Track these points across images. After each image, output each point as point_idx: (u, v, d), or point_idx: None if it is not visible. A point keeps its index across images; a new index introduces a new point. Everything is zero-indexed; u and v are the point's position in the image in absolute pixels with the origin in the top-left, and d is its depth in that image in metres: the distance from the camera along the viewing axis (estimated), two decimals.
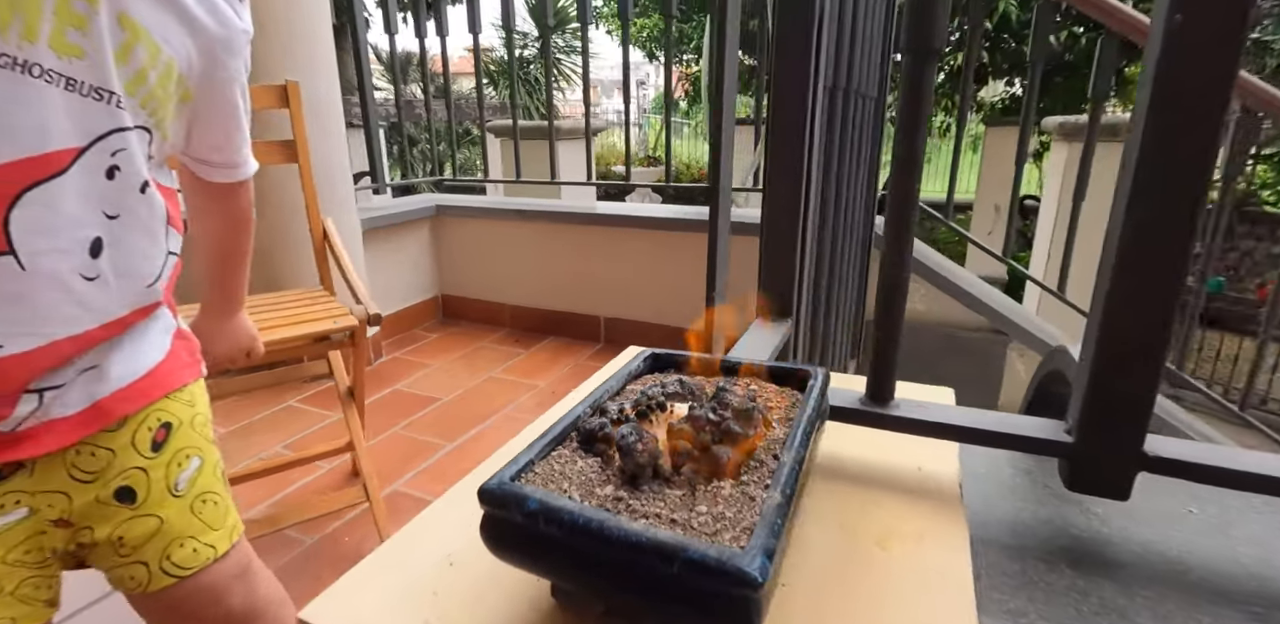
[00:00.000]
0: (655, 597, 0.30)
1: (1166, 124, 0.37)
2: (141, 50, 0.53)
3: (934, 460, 0.52)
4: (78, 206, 0.51)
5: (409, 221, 2.49)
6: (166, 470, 0.60)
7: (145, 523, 0.59)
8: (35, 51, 0.47)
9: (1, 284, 0.48)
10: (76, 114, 0.50)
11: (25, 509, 0.54)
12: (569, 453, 0.38)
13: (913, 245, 0.46)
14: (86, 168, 0.51)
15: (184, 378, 0.64)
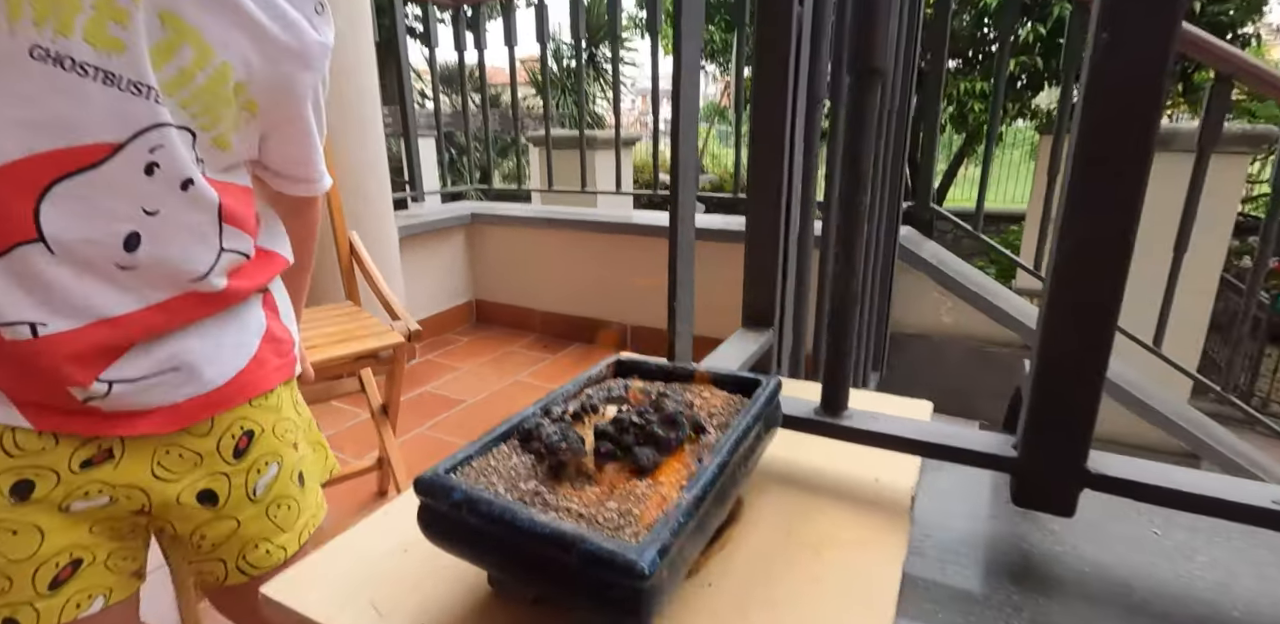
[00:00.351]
0: (559, 585, 0.33)
1: (1098, 146, 0.37)
2: (188, 50, 0.52)
3: (893, 473, 0.53)
4: (113, 200, 0.52)
5: (445, 229, 2.58)
6: (246, 476, 0.63)
7: (225, 525, 0.62)
8: (69, 44, 0.47)
9: (35, 268, 0.50)
10: (115, 108, 0.50)
11: (107, 498, 0.57)
12: (508, 450, 0.40)
13: (861, 257, 0.47)
14: (125, 162, 0.51)
15: (270, 382, 0.65)
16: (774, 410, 0.49)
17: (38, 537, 0.55)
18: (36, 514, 0.55)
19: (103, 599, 0.58)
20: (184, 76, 0.53)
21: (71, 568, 0.57)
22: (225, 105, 0.56)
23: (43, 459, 0.54)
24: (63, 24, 0.47)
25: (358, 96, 1.89)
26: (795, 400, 0.54)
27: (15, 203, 0.48)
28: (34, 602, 0.55)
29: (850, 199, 0.45)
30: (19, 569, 0.54)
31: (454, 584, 0.41)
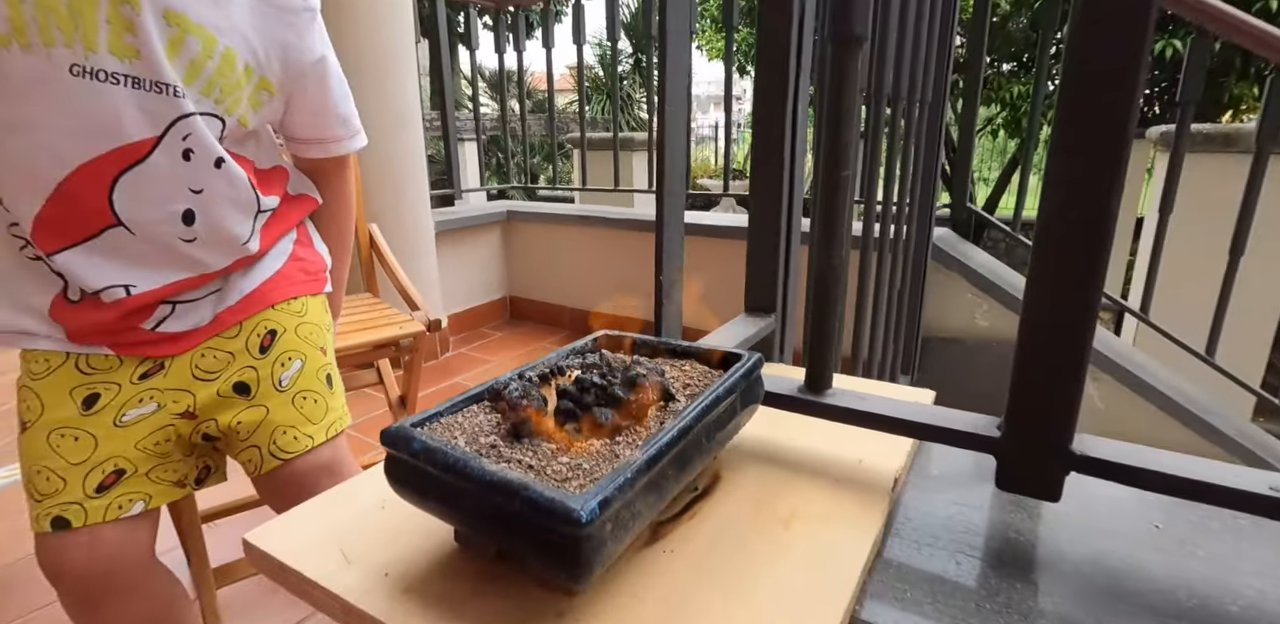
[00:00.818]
0: (505, 533, 0.33)
1: (1076, 137, 0.36)
2: (194, 41, 0.60)
3: (880, 455, 0.51)
4: (165, 185, 0.62)
5: (481, 225, 2.63)
6: (272, 369, 0.72)
7: (257, 412, 0.71)
8: (99, 59, 0.56)
9: (122, 246, 0.63)
10: (146, 107, 0.59)
11: (155, 404, 0.68)
12: (478, 409, 0.41)
13: (843, 235, 0.46)
14: (166, 152, 0.61)
15: (294, 292, 0.76)
16: (754, 386, 0.48)
17: (92, 443, 0.65)
18: (95, 424, 0.66)
19: (143, 503, 0.67)
20: (195, 66, 0.61)
21: (115, 476, 0.66)
22: (238, 87, 0.64)
23: (110, 376, 0.67)
24: (89, 42, 0.55)
25: (397, 93, 1.95)
26: (781, 379, 0.54)
27: (92, 197, 0.60)
28: (82, 502, 0.64)
29: (831, 173, 0.44)
30: (74, 472, 0.64)
31: (423, 539, 0.42)
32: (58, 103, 0.56)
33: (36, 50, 0.54)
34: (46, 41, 0.54)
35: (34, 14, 0.53)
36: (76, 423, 0.65)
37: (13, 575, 1.20)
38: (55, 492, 0.64)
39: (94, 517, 0.65)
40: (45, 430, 0.65)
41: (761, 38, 0.59)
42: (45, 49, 0.54)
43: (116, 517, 0.66)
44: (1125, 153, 0.36)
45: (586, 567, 0.31)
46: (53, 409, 0.65)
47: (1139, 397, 1.64)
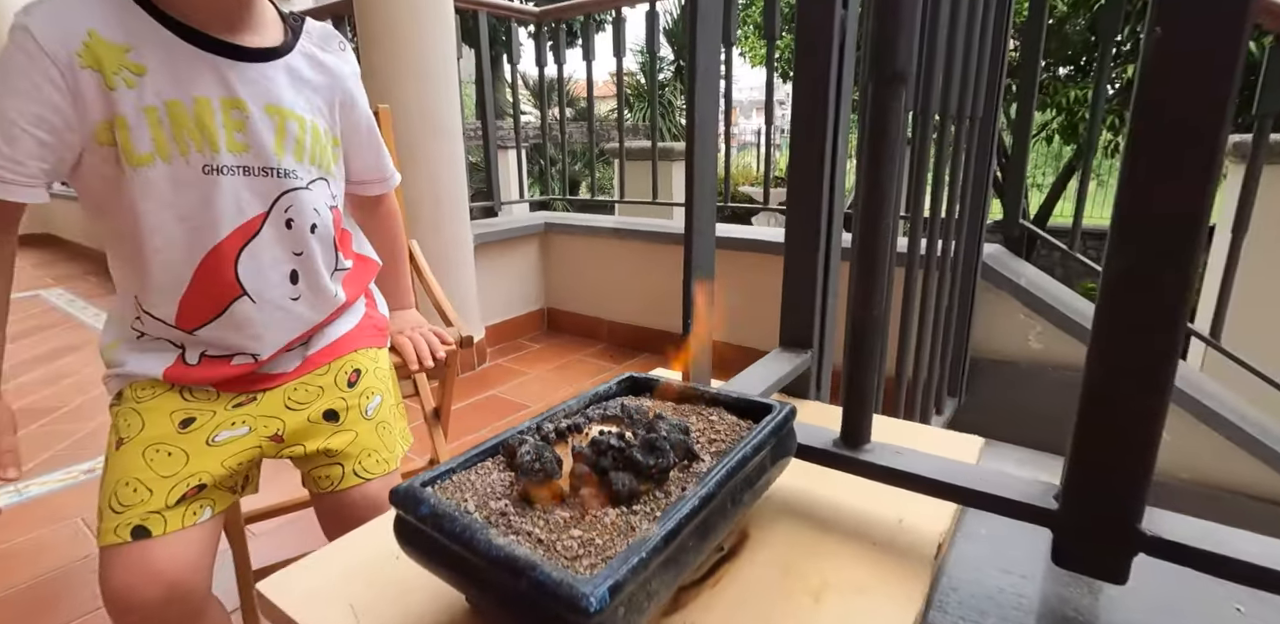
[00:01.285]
0: (512, 611, 0.31)
1: (1149, 164, 0.32)
2: (292, 124, 0.73)
3: (921, 515, 0.48)
4: (274, 252, 0.74)
5: (520, 237, 2.65)
6: (359, 400, 0.81)
7: (346, 436, 0.78)
8: (218, 157, 0.68)
9: (248, 315, 0.73)
10: (256, 190, 0.71)
11: (246, 427, 0.75)
12: (492, 465, 0.40)
13: (886, 280, 0.43)
14: (272, 224, 0.73)
15: (370, 343, 0.88)
16: (786, 439, 0.46)
17: (183, 460, 0.71)
18: (189, 442, 0.72)
19: (209, 510, 0.72)
20: (298, 145, 0.74)
21: (196, 490, 0.70)
22: (327, 150, 0.78)
23: (208, 404, 0.75)
24: (213, 146, 0.67)
25: (438, 105, 1.98)
26: (816, 429, 0.51)
27: (224, 272, 0.71)
28: (162, 512, 0.68)
29: (870, 220, 0.41)
30: (161, 484, 0.69)
31: (434, 599, 0.40)
32: (194, 198, 0.68)
33: (175, 160, 0.66)
34: (183, 151, 0.66)
35: (172, 133, 0.65)
36: (172, 440, 0.71)
37: (67, 577, 1.25)
38: (139, 502, 0.68)
39: (172, 525, 0.68)
40: (142, 446, 0.70)
41: (799, 52, 0.56)
42: (182, 158, 0.66)
43: (192, 523, 0.69)
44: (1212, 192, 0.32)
45: None
46: (152, 427, 0.72)
47: (1208, 428, 1.53)
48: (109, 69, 0.62)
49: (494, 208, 2.69)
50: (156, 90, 0.64)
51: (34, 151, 0.62)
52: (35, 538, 1.38)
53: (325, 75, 0.77)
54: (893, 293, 0.99)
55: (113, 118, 0.64)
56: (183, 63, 0.66)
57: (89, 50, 0.62)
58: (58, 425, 1.93)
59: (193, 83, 0.66)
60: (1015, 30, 1.51)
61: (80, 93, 0.62)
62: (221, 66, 0.67)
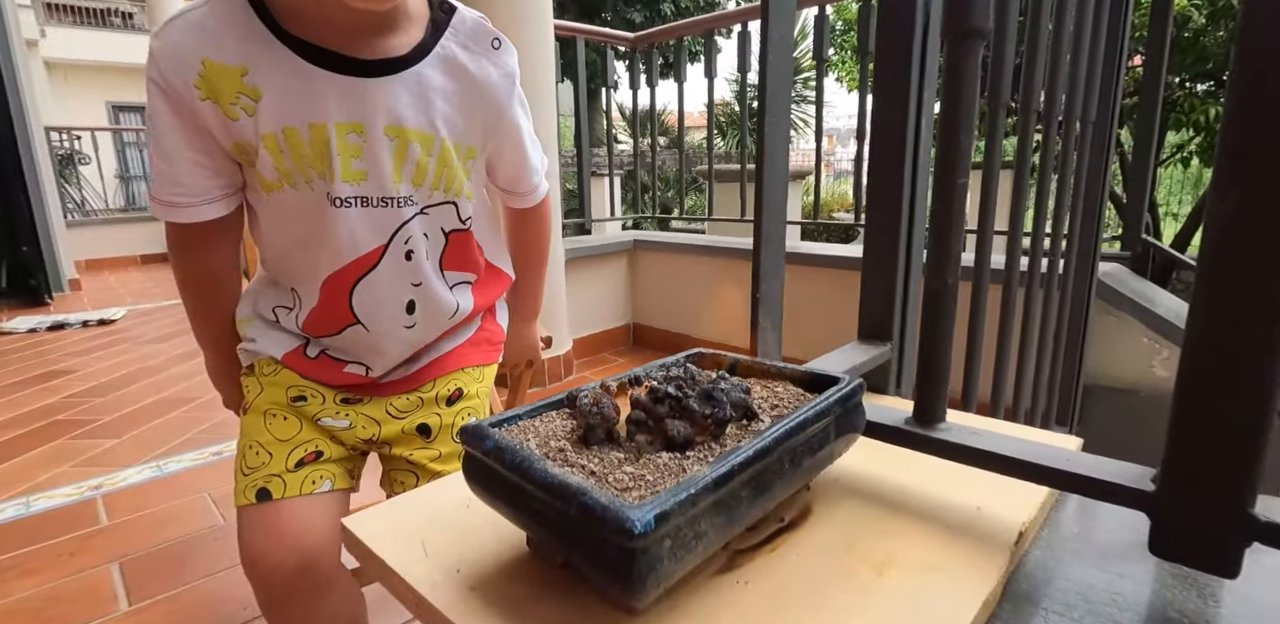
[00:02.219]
0: (561, 537, 0.32)
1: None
2: (414, 147, 0.66)
3: (1003, 504, 0.45)
4: (392, 285, 0.71)
5: (609, 253, 2.72)
6: (454, 419, 0.81)
7: (430, 452, 0.79)
8: (334, 187, 0.64)
9: (360, 340, 0.74)
10: (375, 222, 0.67)
11: (348, 421, 0.76)
12: (556, 415, 0.41)
13: (957, 250, 0.42)
14: (392, 257, 0.70)
15: (479, 360, 0.85)
16: (852, 413, 0.44)
17: (298, 425, 0.74)
18: (298, 414, 0.75)
19: (330, 483, 0.73)
20: (420, 168, 0.68)
21: (315, 455, 0.73)
22: (456, 168, 0.71)
23: (319, 389, 0.76)
24: (329, 175, 0.64)
25: (538, 131, 2.10)
26: (889, 409, 0.49)
27: (338, 300, 0.71)
28: (283, 475, 0.71)
29: (945, 182, 0.40)
30: (279, 448, 0.72)
31: (497, 541, 0.42)
32: (314, 227, 0.67)
33: (301, 187, 0.65)
34: (306, 179, 0.64)
35: (292, 162, 0.63)
36: (285, 408, 0.75)
37: (191, 544, 1.38)
38: (262, 465, 0.71)
39: (291, 489, 0.70)
40: (262, 409, 0.74)
41: (881, 38, 0.56)
42: (307, 185, 0.64)
43: (311, 491, 0.71)
44: None
45: (640, 582, 0.29)
46: (269, 394, 0.75)
47: None
48: (226, 99, 0.60)
49: (585, 225, 2.79)
50: (273, 116, 0.61)
51: (193, 171, 0.64)
52: (169, 507, 1.54)
53: (466, 81, 0.68)
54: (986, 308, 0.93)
55: (239, 142, 0.63)
56: (301, 85, 0.61)
57: (204, 81, 0.59)
58: (194, 413, 2.15)
59: (310, 107, 0.61)
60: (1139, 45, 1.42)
61: (207, 123, 0.62)
62: (342, 86, 0.62)
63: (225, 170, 0.67)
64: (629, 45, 2.61)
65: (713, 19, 2.35)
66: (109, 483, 1.67)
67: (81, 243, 5.55)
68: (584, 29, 2.45)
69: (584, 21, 2.49)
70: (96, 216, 6.56)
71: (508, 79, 0.72)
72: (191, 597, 1.21)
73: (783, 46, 0.47)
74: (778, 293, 0.53)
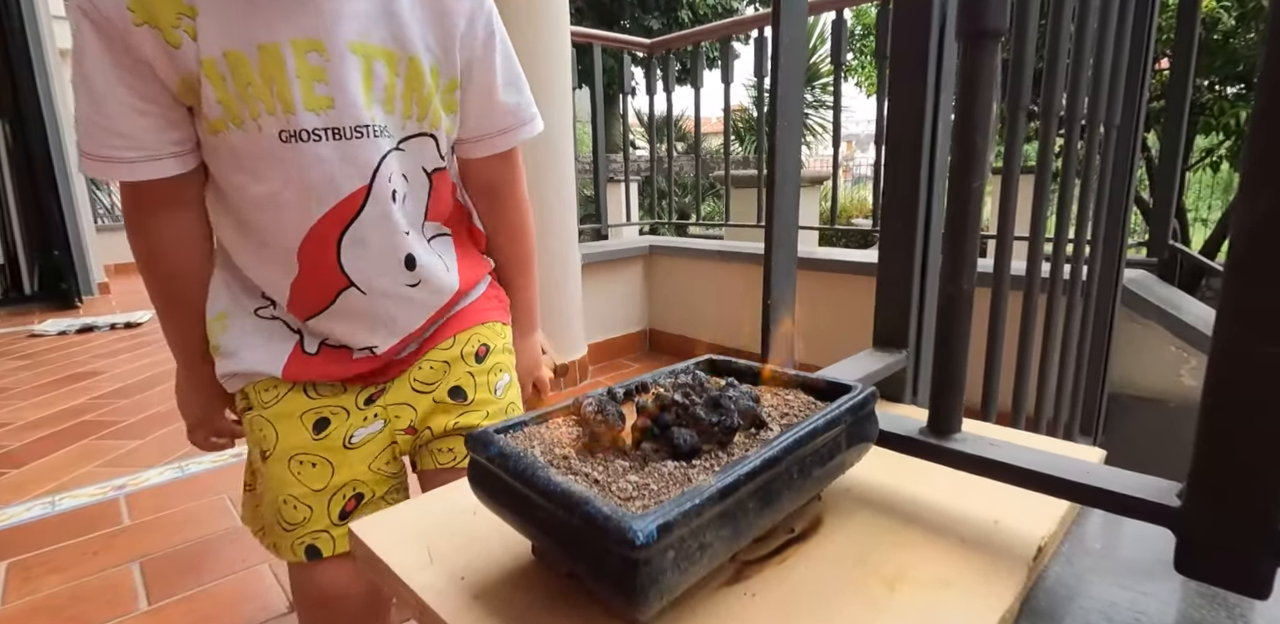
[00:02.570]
0: (563, 546, 0.32)
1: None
2: (380, 65, 0.57)
3: (1021, 517, 0.44)
4: (384, 234, 0.61)
5: (625, 259, 2.72)
6: (488, 377, 0.73)
7: (475, 415, 0.71)
8: (295, 119, 0.55)
9: (357, 307, 0.63)
10: (350, 157, 0.57)
11: (381, 422, 0.69)
12: (562, 421, 0.41)
13: (973, 254, 0.41)
14: (377, 198, 0.60)
15: (494, 316, 0.77)
16: (864, 422, 0.43)
17: (329, 470, 0.65)
18: (328, 449, 0.66)
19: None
20: (388, 91, 0.59)
21: (355, 501, 0.66)
22: (432, 95, 0.61)
23: (337, 400, 0.68)
24: (286, 104, 0.54)
25: (552, 132, 2.10)
26: (903, 419, 0.48)
27: (323, 258, 0.60)
28: (330, 530, 0.64)
29: (961, 184, 0.39)
30: (318, 499, 0.65)
31: (503, 549, 0.42)
32: (279, 172, 0.57)
33: (248, 125, 0.55)
34: (253, 113, 0.54)
35: (236, 90, 0.53)
36: (312, 449, 0.65)
37: (210, 545, 1.40)
38: (304, 520, 0.64)
39: (341, 546, 0.64)
40: (285, 459, 0.65)
41: (896, 40, 0.55)
42: (254, 121, 0.54)
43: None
44: None
45: (642, 594, 0.29)
46: (287, 437, 0.65)
47: None
48: (165, 22, 0.51)
49: (601, 230, 2.79)
50: (215, 38, 0.52)
51: (136, 122, 0.55)
52: (189, 508, 1.57)
53: (436, 3, 0.61)
54: (1006, 314, 0.92)
55: (184, 76, 0.53)
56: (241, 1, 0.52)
57: (138, 1, 0.51)
58: None
59: (258, 24, 0.53)
60: (1166, 47, 1.39)
61: (145, 55, 0.52)
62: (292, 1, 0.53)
63: (177, 121, 0.57)
64: (646, 51, 2.62)
65: (730, 25, 2.35)
66: (132, 483, 1.70)
67: (111, 247, 5.68)
68: (601, 35, 2.47)
69: (602, 29, 2.50)
70: None
71: (480, 3, 0.64)
72: (210, 597, 1.22)
73: (794, 49, 0.46)
74: (790, 298, 0.53)
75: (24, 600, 1.22)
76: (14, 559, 1.36)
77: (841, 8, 1.99)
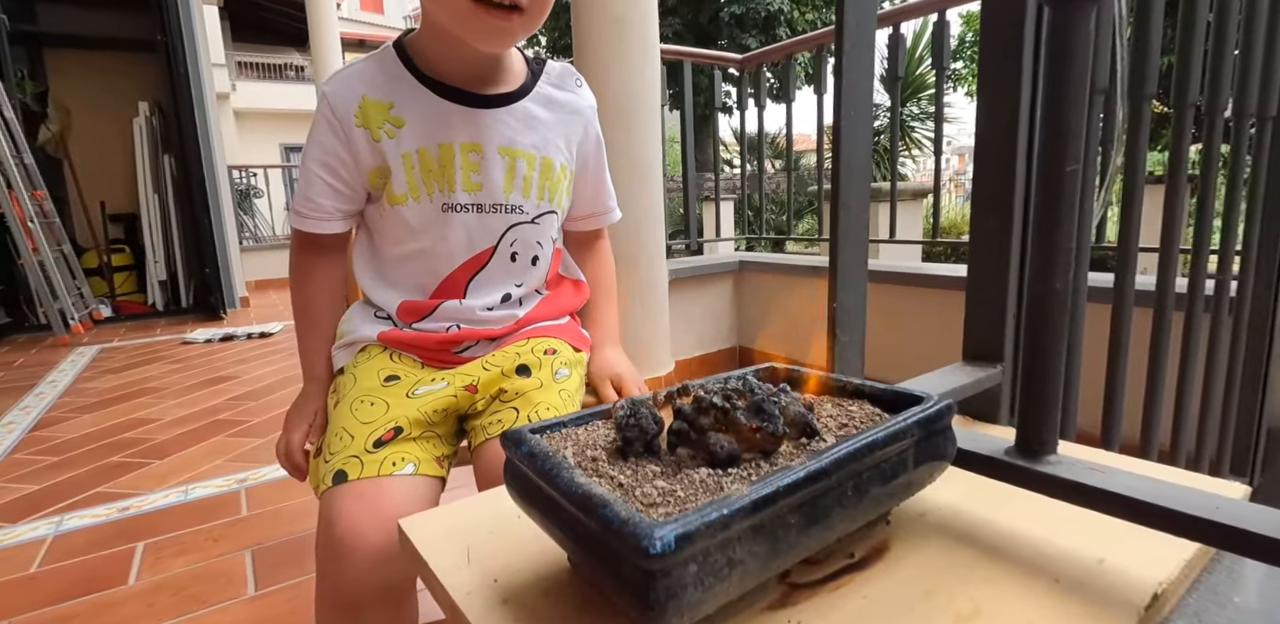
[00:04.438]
0: (582, 550, 0.30)
1: None
2: (521, 163, 0.80)
3: (1134, 558, 0.37)
4: (498, 281, 0.83)
5: (714, 274, 2.69)
6: (551, 367, 0.83)
7: (530, 383, 0.80)
8: (454, 196, 0.78)
9: (452, 313, 0.82)
10: (486, 225, 0.80)
11: (445, 382, 0.79)
12: (601, 424, 0.39)
13: (1066, 249, 0.35)
14: (499, 257, 0.82)
15: (571, 341, 0.89)
16: (938, 438, 0.39)
17: (384, 408, 0.75)
18: (391, 394, 0.77)
19: (412, 466, 0.71)
20: (526, 182, 0.81)
21: (392, 433, 0.73)
22: (559, 183, 0.84)
23: (412, 369, 0.81)
24: (450, 186, 0.78)
25: (644, 153, 2.13)
26: (987, 437, 0.43)
27: (452, 293, 0.82)
28: (361, 456, 0.70)
29: (1050, 168, 0.35)
30: (361, 430, 0.73)
31: (540, 555, 0.40)
32: (436, 233, 0.79)
33: (423, 199, 0.78)
34: (429, 192, 0.77)
35: (421, 177, 0.77)
36: (376, 393, 0.76)
37: (311, 540, 1.49)
38: (343, 448, 0.70)
39: (369, 470, 0.68)
40: (351, 400, 0.76)
41: (985, 7, 0.51)
42: (427, 196, 0.77)
43: (390, 472, 0.69)
44: None
45: (659, 609, 0.26)
46: (359, 383, 0.78)
47: None
48: (375, 125, 0.75)
49: (690, 244, 2.78)
50: (411, 139, 0.76)
51: (325, 192, 0.78)
52: (298, 504, 1.68)
53: (560, 112, 0.83)
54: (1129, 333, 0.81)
55: (380, 166, 0.77)
56: (434, 114, 0.76)
57: (361, 111, 0.75)
58: None
59: (441, 131, 0.76)
60: None
61: (356, 147, 0.76)
62: (465, 115, 0.77)
63: (351, 198, 0.80)
64: (738, 66, 2.61)
65: (823, 34, 2.29)
66: (252, 477, 1.86)
67: (252, 265, 6.33)
68: (691, 52, 2.49)
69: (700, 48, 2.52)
70: (265, 242, 7.48)
71: (590, 109, 0.88)
72: (309, 587, 1.30)
73: (861, 32, 0.43)
74: (858, 304, 0.49)
75: (154, 578, 1.35)
76: (149, 540, 1.51)
77: (944, 8, 1.89)
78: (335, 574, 0.65)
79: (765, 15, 9.73)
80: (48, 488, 1.82)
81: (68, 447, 2.14)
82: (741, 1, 9.75)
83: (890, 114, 2.26)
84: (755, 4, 9.71)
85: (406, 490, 0.69)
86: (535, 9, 0.71)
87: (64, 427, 2.36)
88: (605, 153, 0.90)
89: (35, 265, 3.74)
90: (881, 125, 8.93)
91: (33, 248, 3.73)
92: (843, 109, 0.43)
